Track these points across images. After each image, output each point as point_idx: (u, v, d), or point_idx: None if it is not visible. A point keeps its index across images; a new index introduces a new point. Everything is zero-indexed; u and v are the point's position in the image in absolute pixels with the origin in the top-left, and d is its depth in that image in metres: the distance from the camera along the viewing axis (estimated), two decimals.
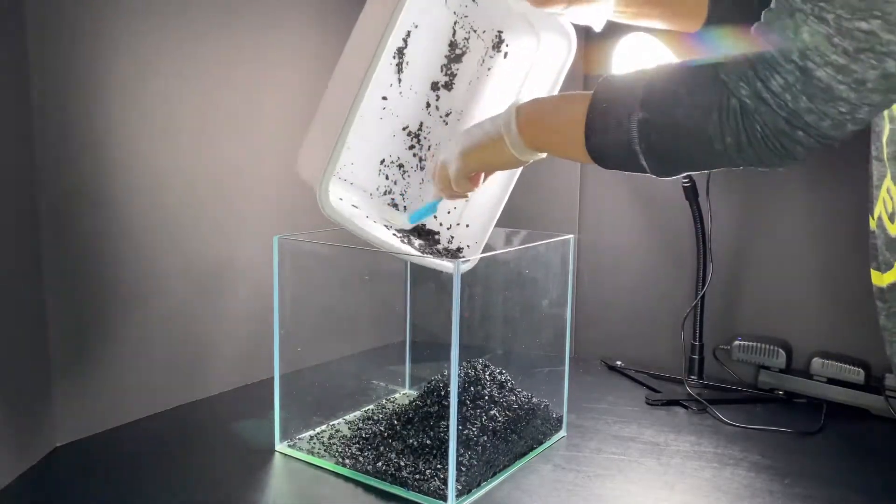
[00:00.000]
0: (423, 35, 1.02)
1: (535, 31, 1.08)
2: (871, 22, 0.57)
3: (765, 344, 1.36)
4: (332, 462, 1.06)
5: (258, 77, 1.30)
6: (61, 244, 1.07)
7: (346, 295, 1.27)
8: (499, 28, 1.10)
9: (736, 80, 0.66)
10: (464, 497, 0.97)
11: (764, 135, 0.65)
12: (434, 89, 1.08)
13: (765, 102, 0.64)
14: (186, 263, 1.23)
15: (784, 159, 0.67)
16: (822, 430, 1.21)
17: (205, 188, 1.25)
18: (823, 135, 0.64)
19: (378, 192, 1.07)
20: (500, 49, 1.10)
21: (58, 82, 1.04)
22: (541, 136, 0.85)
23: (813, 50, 0.60)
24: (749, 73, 0.65)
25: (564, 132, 0.81)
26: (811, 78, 0.61)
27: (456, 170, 0.93)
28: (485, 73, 1.10)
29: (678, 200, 1.37)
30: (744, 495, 0.99)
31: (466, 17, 1.06)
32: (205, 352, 1.28)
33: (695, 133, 0.69)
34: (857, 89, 0.60)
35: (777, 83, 0.63)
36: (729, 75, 0.66)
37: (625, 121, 0.73)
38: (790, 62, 0.62)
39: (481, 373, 1.12)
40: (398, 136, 1.08)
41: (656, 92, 0.72)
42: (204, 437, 1.15)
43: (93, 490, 0.98)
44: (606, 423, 1.23)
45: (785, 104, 0.63)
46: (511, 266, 1.12)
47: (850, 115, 0.62)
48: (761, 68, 0.64)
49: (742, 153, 0.68)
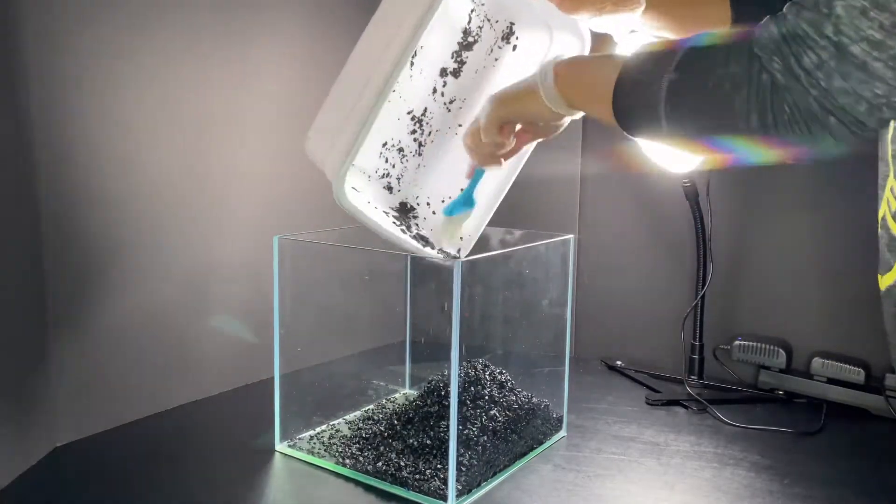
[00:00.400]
0: (439, 20, 1.02)
1: (549, 29, 1.08)
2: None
3: (765, 344, 1.36)
4: (333, 462, 1.06)
5: (258, 77, 1.30)
6: (62, 244, 1.07)
7: (346, 295, 1.27)
8: (511, 20, 1.09)
9: (769, 55, 0.63)
10: (464, 497, 0.97)
11: (792, 118, 0.63)
12: (442, 75, 1.07)
13: (797, 79, 0.62)
14: (186, 263, 1.23)
15: (810, 144, 0.65)
16: (822, 430, 1.21)
17: (205, 188, 1.25)
18: (857, 120, 0.61)
19: (376, 175, 1.06)
20: (509, 41, 1.10)
21: (57, 83, 1.04)
22: (573, 89, 0.84)
23: (847, 24, 0.58)
24: (783, 48, 0.62)
25: (596, 87, 0.80)
26: (846, 54, 0.59)
27: (486, 116, 0.91)
28: (492, 63, 1.10)
29: (678, 200, 1.37)
30: (744, 495, 0.99)
31: (483, 4, 1.06)
32: (205, 352, 1.28)
33: (721, 103, 0.67)
34: (893, 67, 0.58)
35: (810, 60, 0.61)
36: (763, 49, 0.64)
37: (656, 80, 0.71)
38: (824, 37, 0.60)
39: (481, 373, 1.13)
40: (402, 120, 1.07)
41: (693, 57, 0.70)
42: (204, 438, 1.15)
43: (93, 490, 0.98)
44: (606, 423, 1.23)
45: (818, 82, 0.61)
46: (511, 266, 1.12)
47: (885, 98, 0.60)
48: (794, 43, 0.62)
49: (766, 132, 0.66)
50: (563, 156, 1.53)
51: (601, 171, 1.52)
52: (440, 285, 1.09)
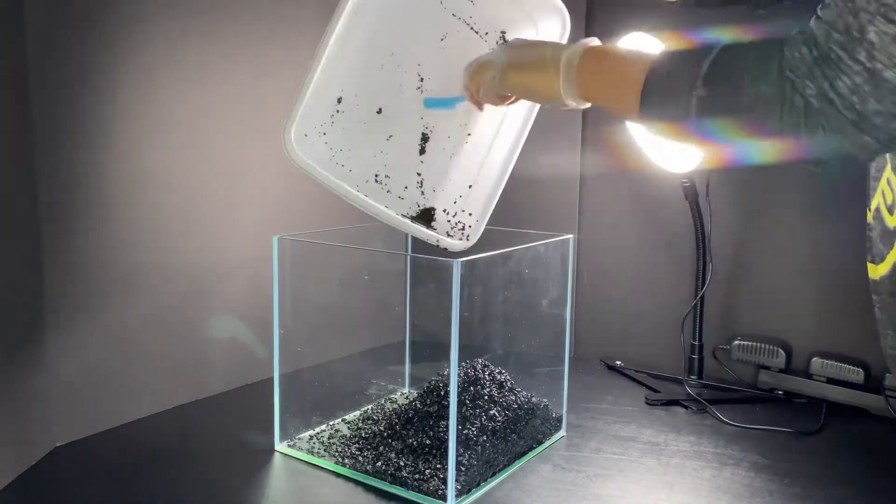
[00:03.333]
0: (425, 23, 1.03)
1: (533, 21, 1.09)
2: None
3: (764, 344, 1.36)
4: (332, 462, 1.06)
5: (257, 77, 1.30)
6: (61, 244, 1.07)
7: (346, 294, 1.27)
8: (503, 28, 1.10)
9: (802, 79, 0.63)
10: (463, 497, 0.97)
11: (825, 136, 0.64)
12: None
13: (831, 103, 0.62)
14: (186, 263, 1.23)
15: (842, 159, 0.66)
16: (821, 430, 1.21)
17: (205, 188, 1.25)
18: (891, 136, 0.62)
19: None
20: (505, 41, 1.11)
21: (57, 83, 1.04)
22: (594, 87, 0.84)
23: (880, 50, 0.59)
24: (815, 72, 0.62)
25: (621, 90, 0.79)
26: (879, 80, 0.60)
27: (492, 79, 0.90)
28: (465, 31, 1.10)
29: (678, 200, 1.37)
30: (743, 495, 0.99)
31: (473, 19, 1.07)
32: (205, 352, 1.28)
33: (754, 124, 0.67)
34: None
35: (844, 84, 0.61)
36: (794, 72, 0.64)
37: (685, 94, 0.71)
38: (858, 63, 0.60)
39: (481, 373, 1.13)
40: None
41: (721, 71, 0.70)
42: (204, 437, 1.15)
43: (93, 490, 0.98)
44: (606, 423, 1.23)
45: (852, 106, 0.61)
46: (511, 266, 1.12)
47: None
48: (827, 67, 0.62)
49: (798, 147, 0.66)
50: (563, 156, 1.53)
51: (601, 171, 1.52)
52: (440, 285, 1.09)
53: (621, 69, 0.81)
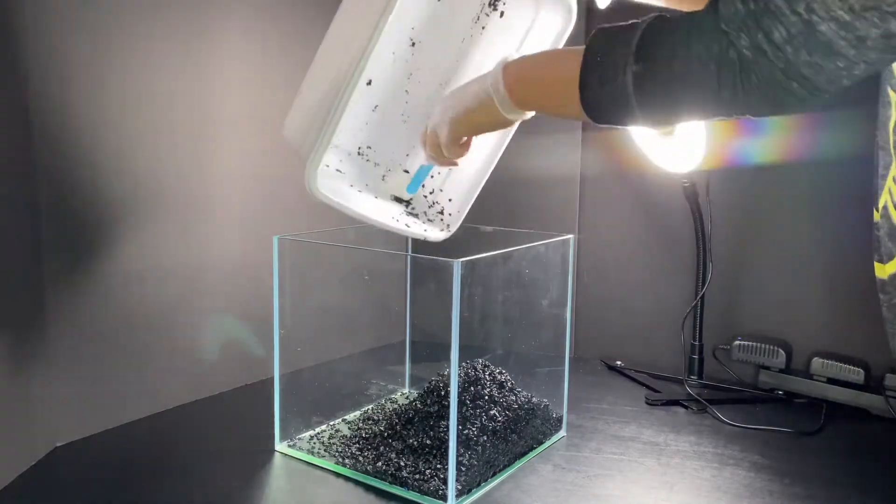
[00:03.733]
0: None
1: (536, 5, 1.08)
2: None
3: (765, 344, 1.36)
4: (332, 462, 1.06)
5: (257, 76, 1.31)
6: (61, 244, 1.07)
7: (346, 295, 1.27)
8: None
9: (737, 31, 0.65)
10: (464, 497, 0.97)
11: (759, 87, 0.66)
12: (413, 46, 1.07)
13: (764, 54, 0.64)
14: (186, 263, 1.23)
15: (775, 109, 0.68)
16: (822, 430, 1.21)
17: (205, 187, 1.25)
18: (816, 87, 0.64)
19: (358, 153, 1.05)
20: (496, 7, 1.09)
21: (56, 82, 1.04)
22: (531, 96, 0.84)
23: (819, 4, 0.60)
24: (750, 23, 0.64)
25: (558, 91, 0.80)
26: (814, 31, 0.61)
27: (446, 136, 0.91)
28: (479, 31, 1.09)
29: (678, 201, 1.37)
30: (743, 495, 0.99)
31: None
32: (205, 352, 1.28)
33: (691, 85, 0.69)
34: (856, 46, 0.60)
35: (779, 34, 0.62)
36: (729, 25, 0.65)
37: (620, 73, 0.72)
38: (795, 14, 0.61)
39: (481, 373, 1.13)
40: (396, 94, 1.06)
41: (651, 43, 0.71)
42: (204, 437, 1.15)
43: (93, 490, 0.98)
44: (606, 423, 1.23)
45: (784, 55, 0.63)
46: (511, 266, 1.12)
47: (846, 71, 0.62)
48: (764, 19, 0.63)
49: (735, 103, 0.68)
50: (563, 156, 1.53)
51: (601, 171, 1.52)
52: (440, 285, 1.09)
53: (554, 72, 0.81)
